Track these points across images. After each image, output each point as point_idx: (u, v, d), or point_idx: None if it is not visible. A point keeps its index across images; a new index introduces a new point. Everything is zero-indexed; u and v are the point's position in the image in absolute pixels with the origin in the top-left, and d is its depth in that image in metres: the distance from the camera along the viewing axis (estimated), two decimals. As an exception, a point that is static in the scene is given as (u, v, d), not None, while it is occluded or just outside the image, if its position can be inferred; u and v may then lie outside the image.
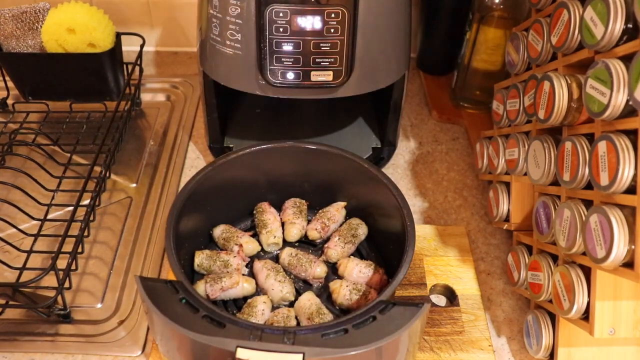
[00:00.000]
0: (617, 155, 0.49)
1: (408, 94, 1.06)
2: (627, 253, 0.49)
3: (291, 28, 0.68)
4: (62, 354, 0.67)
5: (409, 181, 0.91)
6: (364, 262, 0.71)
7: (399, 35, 0.76)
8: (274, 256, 0.75)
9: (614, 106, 0.50)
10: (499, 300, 0.75)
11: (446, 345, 0.68)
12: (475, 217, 0.85)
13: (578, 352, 0.63)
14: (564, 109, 0.59)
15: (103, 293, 0.73)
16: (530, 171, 0.67)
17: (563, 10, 0.61)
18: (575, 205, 0.57)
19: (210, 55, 0.75)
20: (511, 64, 0.77)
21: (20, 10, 0.88)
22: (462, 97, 0.99)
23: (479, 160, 0.85)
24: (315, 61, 0.70)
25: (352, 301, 0.67)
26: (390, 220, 0.69)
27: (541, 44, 0.66)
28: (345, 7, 0.67)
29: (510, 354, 0.70)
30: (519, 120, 0.73)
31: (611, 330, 0.56)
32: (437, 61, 1.08)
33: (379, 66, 0.75)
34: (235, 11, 0.69)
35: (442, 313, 0.72)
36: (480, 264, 0.79)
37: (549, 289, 0.62)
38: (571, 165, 0.57)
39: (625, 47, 0.51)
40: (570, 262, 0.60)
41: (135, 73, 0.97)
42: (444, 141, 0.98)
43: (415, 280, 0.75)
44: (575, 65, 0.61)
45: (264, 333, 0.50)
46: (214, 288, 0.67)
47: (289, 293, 0.68)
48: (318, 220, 0.76)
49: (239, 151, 0.72)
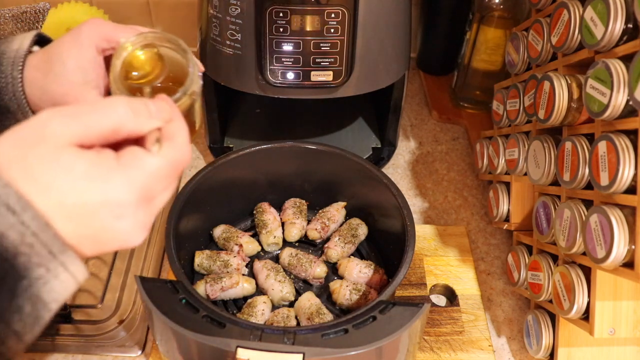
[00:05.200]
0: (617, 155, 0.49)
1: (408, 94, 1.06)
2: (627, 253, 0.49)
3: (291, 28, 0.68)
4: (62, 354, 0.67)
5: (409, 181, 0.91)
6: (364, 262, 0.71)
7: (399, 35, 0.76)
8: (274, 256, 0.75)
9: (614, 106, 0.50)
10: (499, 300, 0.75)
11: (446, 345, 0.68)
12: (475, 217, 0.85)
13: (578, 352, 0.63)
14: (564, 109, 0.59)
15: (103, 293, 0.73)
16: (530, 171, 0.67)
17: (563, 10, 0.61)
18: (575, 205, 0.57)
19: (210, 55, 0.75)
20: (511, 64, 0.77)
21: (20, 10, 0.88)
22: (462, 97, 0.99)
23: (479, 160, 0.85)
24: (315, 61, 0.70)
25: (352, 301, 0.67)
26: (390, 220, 0.69)
27: (541, 44, 0.66)
28: (345, 7, 0.67)
29: (510, 354, 0.70)
30: (519, 120, 0.73)
31: (611, 330, 0.56)
32: (437, 61, 1.08)
33: (379, 66, 0.75)
34: (235, 11, 0.69)
35: (442, 313, 0.72)
36: (480, 264, 0.79)
37: (549, 289, 0.62)
38: (571, 165, 0.57)
39: (625, 47, 0.51)
40: (570, 262, 0.60)
41: (135, 73, 0.97)
42: (444, 141, 0.98)
43: (415, 280, 0.75)
44: (575, 65, 0.61)
45: (264, 333, 0.50)
46: (214, 288, 0.67)
47: (289, 293, 0.68)
48: (318, 220, 0.76)
49: (239, 151, 0.72)
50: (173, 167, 0.39)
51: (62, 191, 0.34)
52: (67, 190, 0.34)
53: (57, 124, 0.34)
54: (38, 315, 0.33)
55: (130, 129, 0.37)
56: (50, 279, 0.33)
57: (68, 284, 0.35)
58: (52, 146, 0.34)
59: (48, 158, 0.34)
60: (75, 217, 0.34)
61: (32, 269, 0.32)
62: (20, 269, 0.32)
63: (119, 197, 0.35)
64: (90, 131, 0.35)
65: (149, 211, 0.38)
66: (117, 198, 0.35)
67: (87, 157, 0.35)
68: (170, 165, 0.39)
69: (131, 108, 0.37)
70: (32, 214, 0.32)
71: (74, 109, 0.36)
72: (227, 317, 0.52)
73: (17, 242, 0.32)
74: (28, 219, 0.32)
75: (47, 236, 0.33)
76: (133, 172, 0.36)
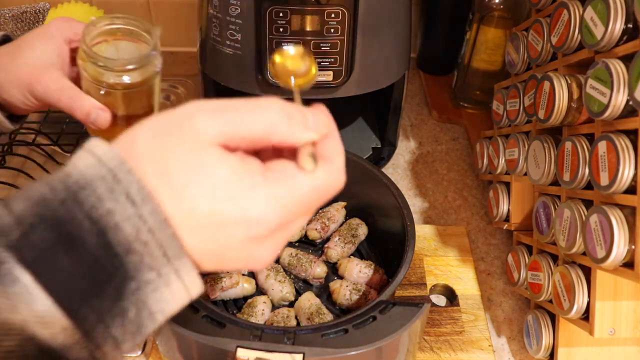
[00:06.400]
0: (617, 155, 0.49)
1: (408, 94, 1.06)
2: (627, 253, 0.49)
3: (291, 28, 0.68)
4: (62, 354, 0.66)
5: (409, 181, 0.91)
6: (364, 262, 0.71)
7: (399, 35, 0.76)
8: (274, 256, 0.75)
9: (614, 106, 0.50)
10: (499, 300, 0.75)
11: (446, 345, 0.68)
12: (475, 217, 0.85)
13: (578, 352, 0.63)
14: (564, 109, 0.59)
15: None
16: (530, 171, 0.67)
17: (563, 10, 0.61)
18: (575, 205, 0.57)
19: (210, 55, 0.75)
20: (511, 64, 0.77)
21: (20, 10, 0.88)
22: (462, 97, 0.99)
23: (479, 160, 0.85)
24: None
25: (352, 301, 0.67)
26: (390, 220, 0.69)
27: (541, 44, 0.66)
28: (345, 7, 0.67)
29: (510, 354, 0.70)
30: (519, 120, 0.73)
31: (611, 330, 0.56)
32: (437, 61, 1.08)
33: (379, 66, 0.75)
34: (235, 11, 0.69)
35: (442, 313, 0.72)
36: (480, 264, 0.79)
37: (549, 289, 0.62)
38: (571, 165, 0.57)
39: (625, 47, 0.51)
40: (570, 262, 0.60)
41: (135, 73, 0.97)
42: (444, 141, 0.98)
43: (415, 280, 0.75)
44: (575, 65, 0.61)
45: (264, 333, 0.50)
46: (214, 288, 0.67)
47: (289, 293, 0.68)
48: (318, 220, 0.76)
49: (239, 151, 0.72)
50: (324, 192, 0.34)
51: (196, 196, 0.30)
52: (202, 196, 0.30)
53: (203, 118, 0.31)
54: (141, 324, 0.30)
55: (282, 137, 0.32)
56: (161, 285, 0.30)
57: (179, 297, 0.31)
58: (195, 142, 0.30)
59: (187, 155, 0.30)
60: (204, 230, 0.30)
61: (142, 270, 0.29)
62: (130, 269, 0.29)
63: (259, 216, 0.31)
64: (238, 131, 0.31)
65: (283, 236, 0.34)
66: (257, 217, 0.31)
67: (231, 162, 0.31)
68: (321, 190, 0.34)
69: (286, 112, 0.32)
70: (152, 207, 0.29)
71: (223, 104, 0.31)
72: (227, 317, 0.52)
73: (132, 238, 0.28)
74: (147, 212, 0.29)
75: (164, 235, 0.29)
76: (280, 191, 0.31)
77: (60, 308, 0.27)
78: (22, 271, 0.26)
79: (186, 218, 0.30)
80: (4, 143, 0.84)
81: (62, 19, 0.58)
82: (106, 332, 0.29)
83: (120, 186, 0.28)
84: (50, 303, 0.27)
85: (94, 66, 0.56)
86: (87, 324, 0.28)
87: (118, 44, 0.61)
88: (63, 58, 0.57)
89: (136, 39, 0.62)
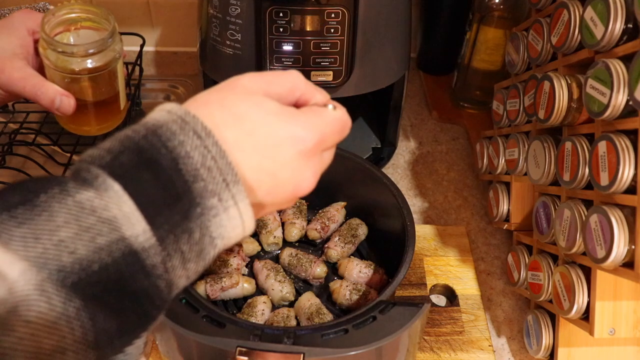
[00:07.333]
0: (617, 155, 0.49)
1: (408, 94, 1.06)
2: (627, 253, 0.50)
3: (291, 28, 0.68)
4: (62, 354, 0.66)
5: (409, 181, 0.91)
6: (364, 262, 0.71)
7: (399, 35, 0.76)
8: (274, 256, 0.75)
9: (614, 106, 0.50)
10: (499, 300, 0.75)
11: (446, 345, 0.68)
12: (475, 217, 0.85)
13: (578, 352, 0.63)
14: (564, 109, 0.59)
15: (103, 293, 0.73)
16: (530, 171, 0.67)
17: (563, 10, 0.61)
18: (575, 205, 0.57)
19: (210, 55, 0.75)
20: (511, 64, 0.77)
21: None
22: (462, 97, 0.99)
23: (479, 160, 0.85)
24: (315, 61, 0.70)
25: (352, 301, 0.67)
26: (390, 220, 0.69)
27: (541, 44, 0.66)
28: (345, 7, 0.67)
29: (510, 354, 0.70)
30: (519, 120, 0.73)
31: (611, 330, 0.56)
32: (437, 61, 1.08)
33: (379, 66, 0.75)
34: (235, 11, 0.69)
35: (442, 313, 0.72)
36: (480, 264, 0.79)
37: (549, 289, 0.62)
38: (571, 165, 0.57)
39: (625, 47, 0.51)
40: (570, 262, 0.60)
41: (135, 73, 0.97)
42: (444, 141, 0.98)
43: (415, 280, 0.75)
44: (575, 65, 0.61)
45: (264, 333, 0.50)
46: (214, 288, 0.67)
47: (289, 293, 0.68)
48: (318, 220, 0.76)
49: (239, 151, 0.72)
50: (344, 125, 0.43)
51: (255, 121, 0.37)
52: (260, 120, 0.38)
53: (246, 79, 0.40)
54: (203, 248, 0.35)
55: (304, 90, 0.42)
56: (220, 211, 0.35)
57: (235, 223, 0.36)
58: (245, 91, 0.39)
59: (242, 96, 0.39)
60: (263, 149, 0.37)
61: (206, 197, 0.34)
62: (195, 195, 0.34)
63: (303, 134, 0.39)
64: (273, 86, 0.41)
65: (320, 160, 0.42)
66: (302, 135, 0.39)
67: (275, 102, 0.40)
68: (342, 122, 0.43)
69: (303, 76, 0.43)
70: (214, 140, 0.35)
71: (258, 73, 0.42)
72: (227, 317, 0.52)
73: (199, 164, 0.34)
74: (210, 144, 0.35)
75: (223, 163, 0.35)
76: (314, 119, 0.40)
77: (141, 212, 0.32)
78: (113, 182, 0.32)
79: (248, 139, 0.37)
80: (4, 143, 0.84)
81: (24, 11, 0.62)
82: (175, 244, 0.34)
83: (188, 125, 0.35)
84: (135, 207, 0.32)
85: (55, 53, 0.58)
86: (161, 231, 0.33)
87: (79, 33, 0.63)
88: (26, 48, 0.61)
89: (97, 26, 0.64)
